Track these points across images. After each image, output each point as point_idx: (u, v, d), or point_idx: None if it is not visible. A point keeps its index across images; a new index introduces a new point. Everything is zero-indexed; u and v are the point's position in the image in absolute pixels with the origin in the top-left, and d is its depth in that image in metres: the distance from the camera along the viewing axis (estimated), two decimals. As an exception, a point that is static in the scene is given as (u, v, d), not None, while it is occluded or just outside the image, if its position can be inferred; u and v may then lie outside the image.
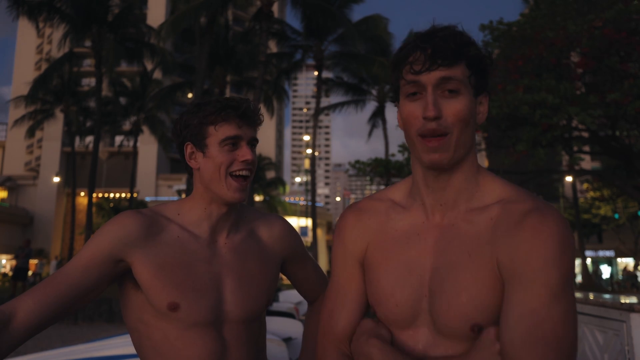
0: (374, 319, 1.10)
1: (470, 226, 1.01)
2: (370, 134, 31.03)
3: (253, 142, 1.33)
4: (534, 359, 0.86)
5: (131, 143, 34.02)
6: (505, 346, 0.89)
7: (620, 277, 34.82)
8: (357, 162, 23.74)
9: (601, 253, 37.70)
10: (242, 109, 1.30)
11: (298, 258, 1.51)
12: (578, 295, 3.65)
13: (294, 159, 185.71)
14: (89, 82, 44.76)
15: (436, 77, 0.96)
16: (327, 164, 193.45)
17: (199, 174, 1.33)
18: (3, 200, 50.62)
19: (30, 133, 32.58)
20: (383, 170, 23.75)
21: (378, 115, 30.03)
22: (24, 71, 56.05)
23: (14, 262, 17.36)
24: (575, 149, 17.01)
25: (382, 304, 1.05)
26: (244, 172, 1.29)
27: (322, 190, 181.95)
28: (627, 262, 36.41)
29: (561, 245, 0.91)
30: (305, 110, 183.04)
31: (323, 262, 46.68)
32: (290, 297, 8.44)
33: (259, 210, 1.52)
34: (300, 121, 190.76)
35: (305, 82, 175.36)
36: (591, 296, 3.30)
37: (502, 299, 0.93)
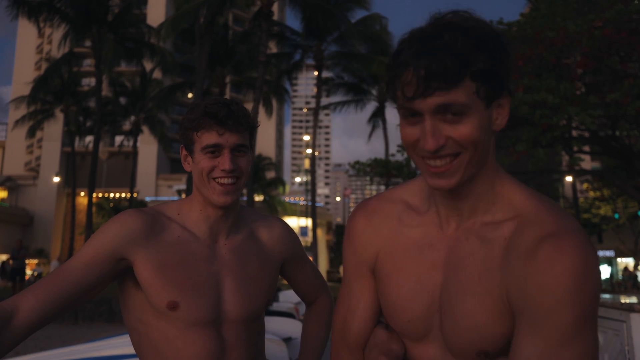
0: (387, 329, 1.06)
1: (483, 244, 0.91)
2: (370, 134, 31.02)
3: (239, 149, 1.29)
4: None
5: (131, 143, 34.03)
6: None
7: (620, 277, 34.82)
8: (357, 162, 23.75)
9: (601, 253, 37.69)
10: (221, 116, 1.25)
11: (297, 261, 1.52)
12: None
13: (294, 159, 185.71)
14: (89, 82, 44.76)
15: (433, 104, 0.81)
16: (327, 164, 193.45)
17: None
18: (3, 200, 50.63)
19: (31, 133, 32.59)
20: (383, 170, 23.75)
21: (378, 115, 30.03)
22: (24, 71, 56.07)
23: (10, 262, 17.34)
24: (575, 149, 17.00)
25: (394, 319, 1.01)
26: (224, 180, 1.27)
27: (322, 190, 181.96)
28: (627, 262, 36.41)
29: (578, 281, 0.78)
30: (305, 110, 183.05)
31: (323, 262, 46.66)
32: (290, 297, 8.43)
33: (259, 212, 1.52)
34: (300, 121, 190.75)
35: (305, 82, 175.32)
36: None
37: (511, 328, 0.85)
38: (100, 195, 39.70)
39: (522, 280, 0.82)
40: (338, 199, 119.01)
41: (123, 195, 43.83)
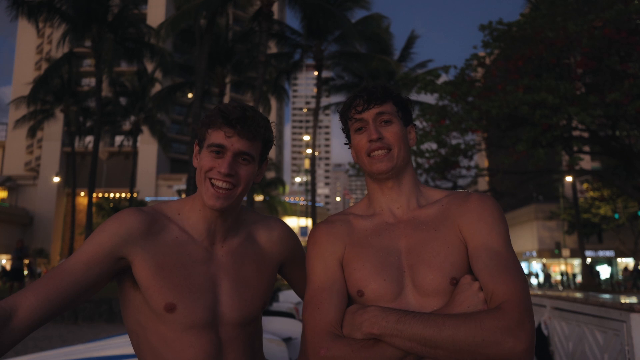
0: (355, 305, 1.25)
1: (428, 213, 1.30)
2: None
3: (244, 156, 1.27)
4: (510, 282, 1.13)
5: (131, 143, 34.04)
6: (486, 279, 1.15)
7: (620, 277, 34.82)
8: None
9: (601, 253, 37.70)
10: (232, 118, 1.24)
11: (297, 261, 1.51)
12: (578, 295, 3.65)
13: (294, 159, 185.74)
14: (89, 82, 44.78)
15: (374, 113, 1.31)
16: (327, 164, 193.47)
17: None
18: (3, 200, 50.65)
19: (32, 133, 32.59)
20: (383, 170, 23.69)
21: (378, 116, 29.97)
22: (24, 71, 56.13)
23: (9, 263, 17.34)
24: (575, 149, 17.00)
25: (371, 282, 1.23)
26: (219, 183, 1.25)
27: (322, 190, 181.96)
28: (627, 262, 36.41)
29: (500, 211, 1.27)
30: (305, 110, 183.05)
31: (323, 262, 46.53)
32: (290, 297, 8.42)
33: (260, 213, 1.51)
34: (300, 121, 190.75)
35: (305, 82, 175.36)
36: (591, 296, 3.30)
37: (468, 256, 1.22)
38: (100, 195, 39.71)
39: (468, 215, 1.25)
40: (338, 199, 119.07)
41: (123, 195, 43.85)
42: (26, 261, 22.20)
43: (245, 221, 1.43)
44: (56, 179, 45.54)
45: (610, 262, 39.17)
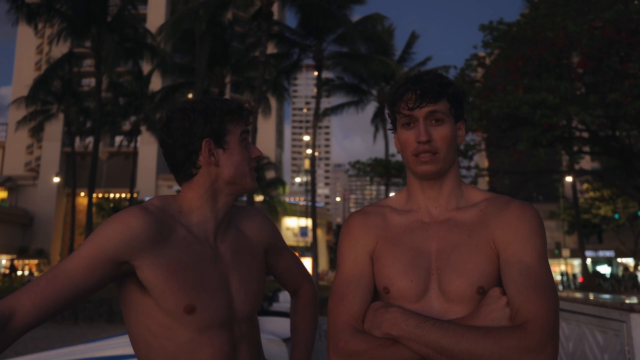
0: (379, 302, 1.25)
1: (465, 217, 1.26)
2: (375, 136, 30.91)
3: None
4: (537, 301, 1.10)
5: (131, 143, 34.03)
6: (513, 294, 1.12)
7: (620, 277, 34.80)
8: (357, 162, 23.74)
9: (601, 253, 37.70)
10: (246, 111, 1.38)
11: (278, 249, 1.52)
12: (578, 295, 3.65)
13: (294, 159, 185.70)
14: (89, 82, 44.78)
15: (425, 111, 1.22)
16: (327, 164, 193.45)
17: (212, 171, 1.31)
18: (3, 200, 50.62)
19: (35, 134, 32.59)
20: (383, 170, 23.73)
21: (379, 116, 29.97)
22: (24, 71, 56.10)
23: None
24: (576, 148, 16.99)
25: (398, 281, 1.22)
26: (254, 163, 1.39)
27: (322, 190, 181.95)
28: (627, 262, 36.40)
29: (539, 222, 1.20)
30: (305, 110, 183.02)
31: (323, 262, 46.66)
32: (290, 298, 8.43)
33: (236, 205, 1.49)
34: (300, 121, 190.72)
35: (305, 82, 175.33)
36: (591, 296, 3.30)
37: (499, 267, 1.18)
38: (100, 195, 39.70)
39: (504, 224, 1.20)
40: (338, 199, 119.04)
41: (123, 195, 43.84)
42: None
43: (230, 213, 1.43)
44: (56, 179, 45.53)
45: (610, 262, 39.16)
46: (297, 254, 1.64)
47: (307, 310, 1.62)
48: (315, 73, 24.76)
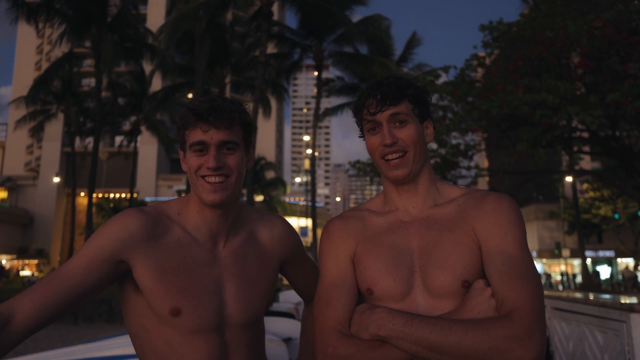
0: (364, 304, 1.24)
1: (444, 212, 1.27)
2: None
3: (227, 145, 1.25)
4: (521, 289, 1.11)
5: (131, 143, 34.03)
6: (497, 285, 1.13)
7: (620, 277, 34.79)
8: (357, 162, 23.72)
9: (601, 253, 37.67)
10: (202, 112, 1.22)
11: (298, 259, 1.50)
12: (578, 295, 3.65)
13: (294, 159, 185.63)
14: (89, 82, 44.76)
15: (387, 114, 1.25)
16: (327, 164, 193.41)
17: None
18: (3, 200, 50.59)
19: (35, 134, 32.60)
20: (383, 170, 23.63)
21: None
22: (24, 71, 56.07)
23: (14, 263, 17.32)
24: (575, 149, 16.98)
25: (381, 281, 1.22)
26: (211, 179, 1.24)
27: (322, 190, 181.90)
28: (627, 262, 36.39)
29: (517, 212, 1.22)
30: (305, 110, 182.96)
31: (323, 262, 46.45)
32: (290, 297, 8.42)
33: (260, 211, 1.49)
34: (300, 121, 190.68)
35: (305, 82, 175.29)
36: (591, 296, 3.30)
37: (482, 259, 1.19)
38: (100, 195, 39.68)
39: (483, 217, 1.21)
40: (338, 199, 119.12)
41: (123, 195, 43.83)
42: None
43: (246, 219, 1.41)
44: (56, 179, 45.53)
45: (610, 262, 39.14)
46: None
47: None
48: (316, 73, 24.76)
